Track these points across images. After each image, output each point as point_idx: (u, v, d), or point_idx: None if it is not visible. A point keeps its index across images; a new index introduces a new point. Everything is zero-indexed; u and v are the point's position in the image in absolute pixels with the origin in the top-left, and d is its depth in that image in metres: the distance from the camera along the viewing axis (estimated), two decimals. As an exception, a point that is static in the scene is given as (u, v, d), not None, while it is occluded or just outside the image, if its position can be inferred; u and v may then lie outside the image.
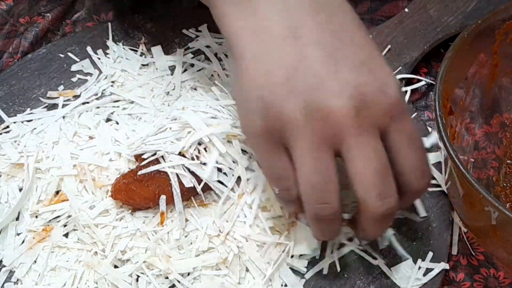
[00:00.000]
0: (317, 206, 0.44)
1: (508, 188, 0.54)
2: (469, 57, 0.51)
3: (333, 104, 0.42)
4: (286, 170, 0.45)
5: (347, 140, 0.43)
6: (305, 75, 0.43)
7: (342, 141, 0.43)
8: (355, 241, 0.51)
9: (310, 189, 0.44)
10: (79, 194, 0.53)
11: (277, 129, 0.43)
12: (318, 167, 0.43)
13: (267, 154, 0.45)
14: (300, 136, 0.43)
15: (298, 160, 0.44)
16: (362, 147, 0.43)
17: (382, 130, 0.44)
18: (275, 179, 0.46)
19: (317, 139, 0.43)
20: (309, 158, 0.43)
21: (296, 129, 0.43)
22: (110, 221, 0.51)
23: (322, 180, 0.43)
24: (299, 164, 0.44)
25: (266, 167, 0.46)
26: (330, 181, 0.44)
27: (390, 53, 0.61)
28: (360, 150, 0.43)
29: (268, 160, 0.46)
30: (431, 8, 0.64)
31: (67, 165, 0.54)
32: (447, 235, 0.52)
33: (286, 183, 0.45)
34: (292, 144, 0.43)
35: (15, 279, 0.51)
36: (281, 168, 0.45)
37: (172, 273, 0.49)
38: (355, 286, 0.50)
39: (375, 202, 0.43)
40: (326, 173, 0.43)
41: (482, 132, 0.55)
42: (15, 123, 0.58)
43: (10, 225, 0.53)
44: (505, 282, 0.51)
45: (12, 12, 0.68)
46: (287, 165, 0.45)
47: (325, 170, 0.43)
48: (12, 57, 0.65)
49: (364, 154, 0.43)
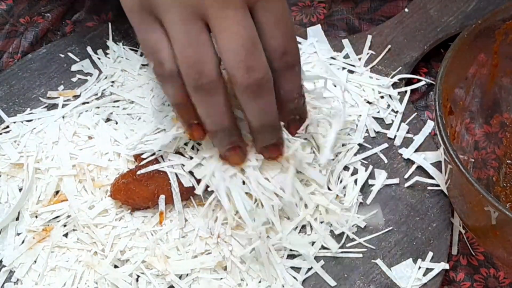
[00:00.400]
0: (195, 76, 0.45)
1: (508, 188, 0.54)
2: (469, 57, 0.51)
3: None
4: (159, 42, 0.46)
5: (213, 12, 0.45)
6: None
7: (208, 13, 0.45)
8: (355, 240, 0.52)
9: (185, 61, 0.45)
10: (79, 194, 0.53)
11: (149, 3, 0.45)
12: (190, 39, 0.45)
13: (142, 28, 0.47)
14: (168, 8, 0.45)
15: (170, 33, 0.45)
16: (228, 19, 0.44)
17: (251, 5, 0.45)
18: (149, 52, 0.47)
19: (185, 11, 0.44)
20: (180, 31, 0.45)
21: (165, 3, 0.45)
22: (110, 221, 0.52)
23: (195, 52, 0.45)
24: (172, 38, 0.45)
25: (141, 41, 0.48)
26: (204, 51, 0.45)
27: (390, 53, 0.61)
28: (226, 23, 0.44)
29: (143, 34, 0.47)
30: (431, 8, 0.64)
31: (67, 165, 0.54)
32: (447, 235, 0.52)
33: (159, 56, 0.46)
34: (163, 17, 0.45)
35: (15, 279, 0.51)
36: (154, 41, 0.46)
37: (169, 274, 0.49)
38: (355, 285, 0.50)
39: (242, 75, 0.45)
40: (198, 44, 0.45)
41: (482, 132, 0.55)
42: (15, 123, 0.58)
43: (10, 225, 0.53)
44: (505, 282, 0.51)
45: (12, 12, 0.68)
46: (160, 38, 0.46)
47: (197, 41, 0.45)
48: (12, 57, 0.65)
49: (230, 27, 0.45)
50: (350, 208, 0.53)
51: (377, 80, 0.60)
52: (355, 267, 0.51)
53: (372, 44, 0.62)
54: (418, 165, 0.55)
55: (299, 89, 0.50)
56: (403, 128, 0.57)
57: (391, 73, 0.60)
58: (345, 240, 0.52)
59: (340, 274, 0.50)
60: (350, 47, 0.62)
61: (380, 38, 0.62)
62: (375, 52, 0.62)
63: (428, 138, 0.57)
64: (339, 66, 0.61)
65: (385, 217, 0.53)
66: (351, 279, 0.50)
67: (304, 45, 0.62)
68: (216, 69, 0.46)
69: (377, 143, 0.56)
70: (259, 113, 0.48)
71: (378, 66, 0.61)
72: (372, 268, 0.51)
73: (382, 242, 0.52)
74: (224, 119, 0.48)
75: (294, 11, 0.68)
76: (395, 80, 0.59)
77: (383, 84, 0.59)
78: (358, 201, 0.53)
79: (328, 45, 0.62)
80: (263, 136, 0.49)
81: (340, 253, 0.51)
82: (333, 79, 0.57)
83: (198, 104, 0.47)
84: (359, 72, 0.60)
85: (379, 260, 0.51)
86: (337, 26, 0.67)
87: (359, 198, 0.53)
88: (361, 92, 0.59)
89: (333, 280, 0.50)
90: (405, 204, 0.53)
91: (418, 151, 0.56)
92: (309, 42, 0.62)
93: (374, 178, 0.55)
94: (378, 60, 0.61)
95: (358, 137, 0.56)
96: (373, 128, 0.57)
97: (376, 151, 0.56)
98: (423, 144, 0.56)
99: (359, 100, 0.58)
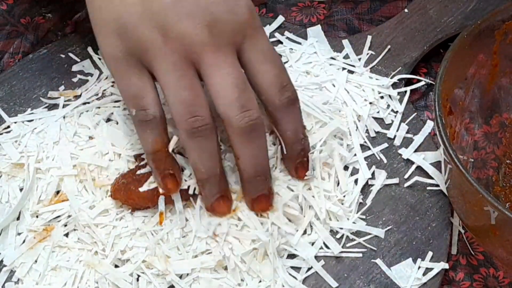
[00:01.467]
0: (190, 120, 0.45)
1: (507, 188, 0.54)
2: (469, 58, 0.51)
3: (185, 23, 0.45)
4: (144, 88, 0.47)
5: (204, 57, 0.45)
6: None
7: (200, 59, 0.45)
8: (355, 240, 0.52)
9: (179, 105, 0.45)
10: (79, 194, 0.53)
11: (137, 50, 0.46)
12: (184, 84, 0.45)
13: (126, 75, 0.47)
14: (160, 56, 0.45)
15: (162, 79, 0.46)
16: (219, 63, 0.45)
17: (238, 48, 0.46)
18: (131, 98, 0.47)
19: (177, 58, 0.45)
20: (173, 77, 0.45)
21: (156, 49, 0.45)
22: (110, 221, 0.52)
23: (190, 95, 0.45)
24: (164, 84, 0.45)
25: (123, 88, 0.48)
26: (198, 96, 0.46)
27: (390, 53, 0.62)
28: (218, 67, 0.45)
29: (126, 81, 0.47)
30: (431, 8, 0.64)
31: (67, 165, 0.54)
32: (446, 235, 0.52)
33: (142, 102, 0.47)
34: (154, 64, 0.46)
35: (16, 279, 0.51)
36: (138, 87, 0.47)
37: (170, 274, 0.49)
38: (354, 285, 0.50)
39: (236, 115, 0.45)
40: (192, 88, 0.45)
41: (482, 132, 0.55)
42: (15, 123, 0.58)
43: (11, 224, 0.53)
44: (504, 281, 0.51)
45: (13, 13, 0.68)
46: (145, 84, 0.47)
47: (191, 85, 0.45)
48: (13, 58, 0.65)
49: (221, 70, 0.45)
50: (350, 209, 0.53)
51: (377, 80, 0.60)
52: (355, 267, 0.51)
53: (372, 45, 0.62)
54: (418, 165, 0.55)
55: (303, 128, 0.51)
56: (402, 128, 0.57)
57: (391, 73, 0.60)
58: (345, 240, 0.52)
59: (340, 274, 0.50)
60: (350, 48, 0.62)
61: (380, 38, 0.63)
62: (375, 53, 0.62)
63: (428, 138, 0.57)
64: (339, 66, 0.61)
65: (385, 217, 0.53)
66: (351, 279, 0.50)
67: (304, 45, 0.62)
68: (210, 113, 0.46)
69: (377, 143, 0.57)
70: (253, 158, 0.48)
71: (378, 67, 0.61)
72: (372, 268, 0.51)
73: (382, 242, 0.52)
74: (217, 166, 0.48)
75: (294, 11, 0.68)
76: (395, 80, 0.59)
77: (383, 85, 0.59)
78: (358, 201, 0.53)
79: (328, 45, 0.63)
80: (255, 185, 0.49)
81: (340, 253, 0.51)
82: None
83: (191, 150, 0.47)
84: (359, 73, 0.60)
85: (379, 260, 0.51)
86: (337, 27, 0.67)
87: (359, 198, 0.53)
88: (361, 92, 0.59)
89: (333, 280, 0.50)
90: (404, 204, 0.54)
91: (418, 151, 0.56)
92: (309, 42, 0.63)
93: (374, 178, 0.55)
94: (378, 60, 0.61)
95: (358, 137, 0.56)
96: (373, 128, 0.57)
97: (376, 151, 0.56)
98: (423, 144, 0.56)
99: (359, 100, 0.58)
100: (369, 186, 0.54)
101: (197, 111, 0.45)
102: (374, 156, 0.56)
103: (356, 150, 0.55)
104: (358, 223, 0.52)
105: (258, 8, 0.68)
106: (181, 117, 0.46)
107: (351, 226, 0.52)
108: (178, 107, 0.45)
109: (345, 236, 0.52)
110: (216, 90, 0.45)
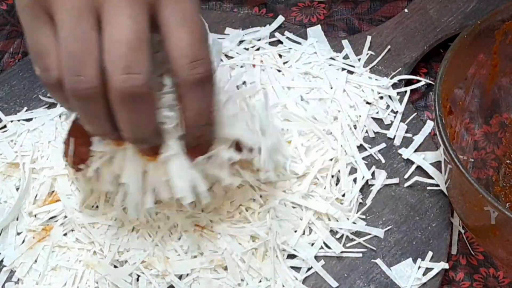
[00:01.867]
0: (73, 78, 0.40)
1: (507, 188, 0.54)
2: (469, 58, 0.51)
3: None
4: (48, 45, 0.41)
5: (107, 5, 0.40)
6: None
7: (103, 7, 0.40)
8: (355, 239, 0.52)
9: (66, 58, 0.40)
10: (72, 194, 0.53)
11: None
12: (76, 34, 0.40)
13: (32, 28, 0.42)
14: (63, 2, 0.40)
15: (58, 27, 0.40)
16: (119, 11, 0.39)
17: (152, 3, 0.40)
18: (35, 56, 0.42)
19: (79, 4, 0.40)
20: (68, 24, 0.40)
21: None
22: (105, 220, 0.51)
23: (79, 48, 0.39)
24: (58, 30, 0.40)
25: (29, 43, 0.42)
26: (88, 51, 0.39)
27: (390, 53, 0.62)
28: (116, 15, 0.39)
29: (31, 34, 0.42)
30: (430, 8, 0.64)
31: (60, 165, 0.54)
32: (446, 235, 0.52)
33: (46, 61, 0.41)
34: (55, 13, 0.40)
35: (16, 279, 0.51)
36: (42, 44, 0.41)
37: (169, 274, 0.49)
38: (354, 285, 0.50)
39: (119, 75, 0.39)
40: (84, 41, 0.40)
41: (482, 132, 0.55)
42: (11, 122, 0.58)
43: (10, 224, 0.53)
44: (504, 281, 0.51)
45: (13, 13, 0.68)
46: (49, 41, 0.41)
47: (83, 37, 0.40)
48: (13, 58, 0.65)
49: (118, 22, 0.39)
50: (350, 208, 0.53)
51: (377, 80, 0.60)
52: (355, 267, 0.51)
53: (371, 45, 0.62)
54: (418, 165, 0.55)
55: (210, 113, 0.44)
56: (402, 128, 0.57)
57: (390, 73, 0.60)
58: (345, 240, 0.52)
59: (340, 274, 0.51)
60: (350, 48, 0.62)
61: (379, 38, 0.63)
62: (375, 53, 0.62)
63: (428, 138, 0.57)
64: (339, 66, 0.61)
65: (385, 217, 0.53)
66: (351, 279, 0.50)
67: (304, 45, 0.62)
68: (98, 73, 0.40)
69: (376, 143, 0.57)
70: (133, 127, 0.42)
71: (378, 67, 0.61)
72: (372, 268, 0.51)
73: (382, 242, 0.52)
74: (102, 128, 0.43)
75: (294, 11, 0.68)
76: (395, 80, 0.59)
77: (383, 85, 0.59)
78: (358, 201, 0.53)
79: (328, 45, 0.63)
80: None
81: (340, 252, 0.51)
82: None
83: (77, 110, 0.42)
84: (358, 73, 0.60)
85: (379, 259, 0.51)
86: (337, 27, 0.67)
87: (358, 198, 0.53)
88: (360, 92, 0.59)
89: (333, 279, 0.50)
90: (404, 204, 0.54)
91: (418, 151, 0.56)
92: (309, 42, 0.63)
93: (374, 178, 0.55)
94: (377, 60, 0.61)
95: (358, 138, 0.56)
96: (372, 129, 0.57)
97: (376, 151, 0.56)
98: (423, 144, 0.56)
99: (358, 100, 0.58)
100: (369, 186, 0.54)
101: (83, 69, 0.39)
102: (374, 156, 0.56)
103: (354, 151, 0.55)
104: (358, 223, 0.52)
105: (258, 8, 0.68)
106: (66, 72, 0.40)
107: (351, 226, 0.52)
108: (65, 60, 0.40)
109: (345, 236, 0.52)
110: (106, 42, 0.40)
